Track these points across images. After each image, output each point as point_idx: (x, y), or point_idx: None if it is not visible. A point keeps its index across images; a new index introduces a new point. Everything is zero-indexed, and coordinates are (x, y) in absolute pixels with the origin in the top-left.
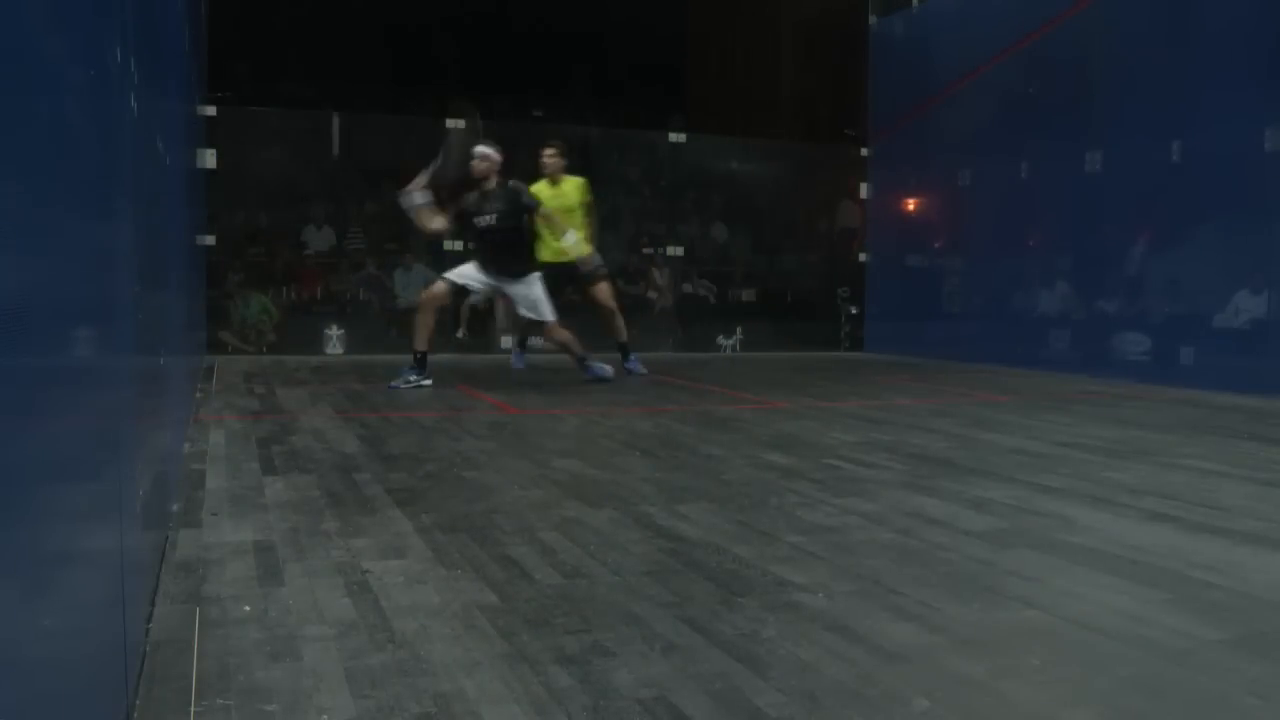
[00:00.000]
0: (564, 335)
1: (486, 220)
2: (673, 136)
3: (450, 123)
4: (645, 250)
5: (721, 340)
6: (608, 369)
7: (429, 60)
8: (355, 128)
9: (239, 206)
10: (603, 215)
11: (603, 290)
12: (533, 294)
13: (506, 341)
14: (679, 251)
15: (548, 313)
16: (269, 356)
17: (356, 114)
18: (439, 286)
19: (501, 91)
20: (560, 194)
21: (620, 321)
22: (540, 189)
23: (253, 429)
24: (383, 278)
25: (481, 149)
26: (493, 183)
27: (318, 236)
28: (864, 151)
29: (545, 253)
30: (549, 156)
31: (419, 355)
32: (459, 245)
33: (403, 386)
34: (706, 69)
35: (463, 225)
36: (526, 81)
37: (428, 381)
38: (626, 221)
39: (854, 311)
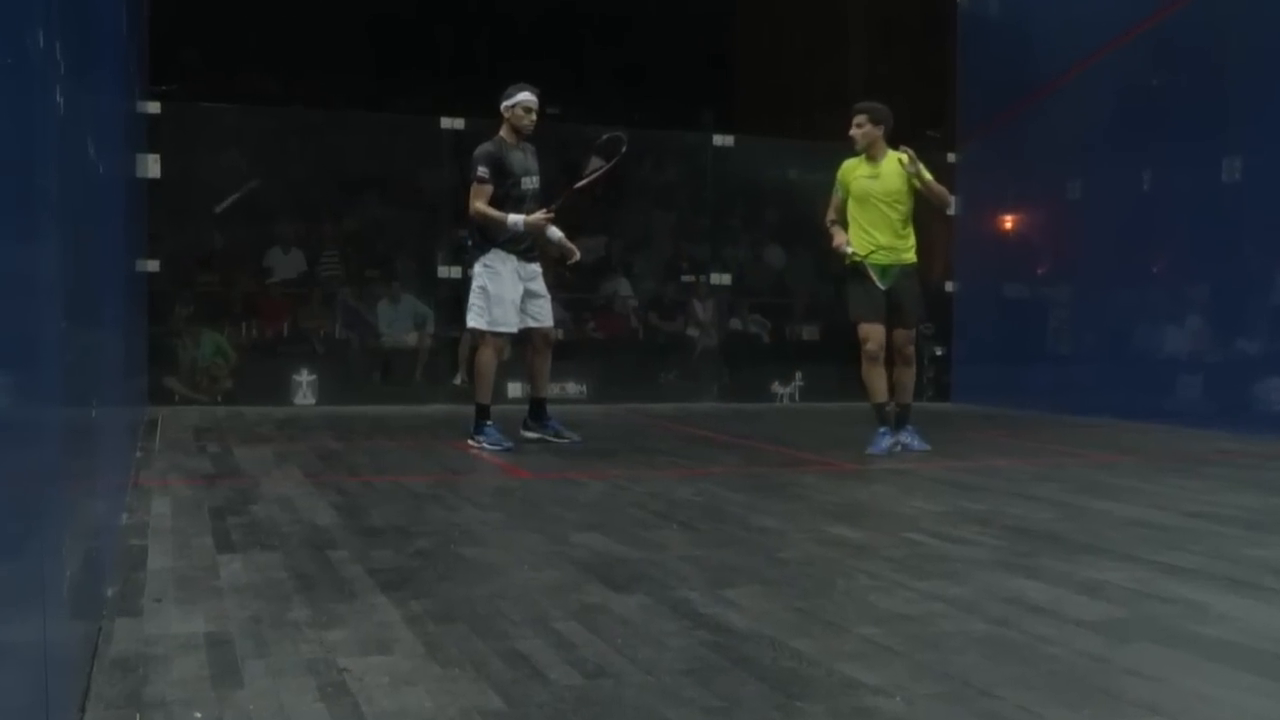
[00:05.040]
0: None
1: (532, 184)
2: (718, 139)
3: (446, 122)
4: (685, 278)
5: (777, 388)
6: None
7: (419, 47)
8: (330, 128)
9: (188, 224)
10: (634, 235)
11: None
12: (544, 286)
13: (515, 388)
14: (725, 279)
15: (550, 318)
16: (224, 407)
17: (332, 111)
18: (495, 344)
19: (508, 85)
20: (881, 174)
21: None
22: (855, 166)
23: (205, 496)
24: (363, 311)
25: (532, 95)
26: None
27: (285, 261)
28: (951, 157)
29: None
30: (856, 127)
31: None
32: (455, 272)
33: (486, 448)
34: (760, 57)
35: (504, 192)
36: (539, 72)
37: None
38: (662, 242)
39: (939, 353)
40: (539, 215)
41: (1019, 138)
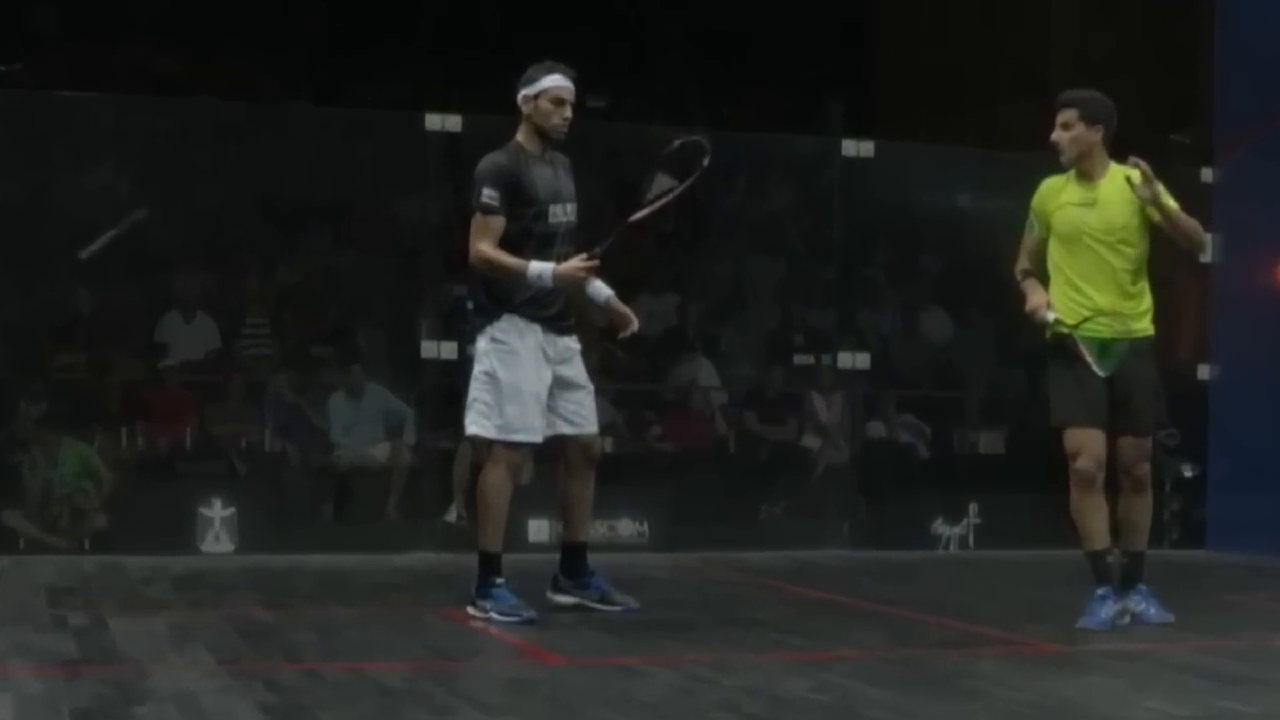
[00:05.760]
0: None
1: (565, 215)
2: (851, 147)
3: (434, 120)
4: (799, 359)
5: (941, 527)
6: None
7: (394, 10)
8: (260, 130)
9: (39, 277)
10: (722, 292)
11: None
12: (583, 372)
13: (540, 528)
14: (861, 361)
15: (593, 422)
16: (95, 557)
17: (262, 104)
18: (510, 460)
19: (529, 65)
20: (1100, 200)
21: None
22: (1060, 189)
23: (64, 692)
24: (306, 410)
25: (565, 81)
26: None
27: (187, 333)
28: (1206, 175)
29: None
30: (1062, 128)
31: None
32: (448, 350)
33: (495, 618)
34: (913, 25)
35: (523, 228)
36: (575, 47)
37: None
38: (764, 304)
39: (1187, 474)
40: (576, 263)
41: None
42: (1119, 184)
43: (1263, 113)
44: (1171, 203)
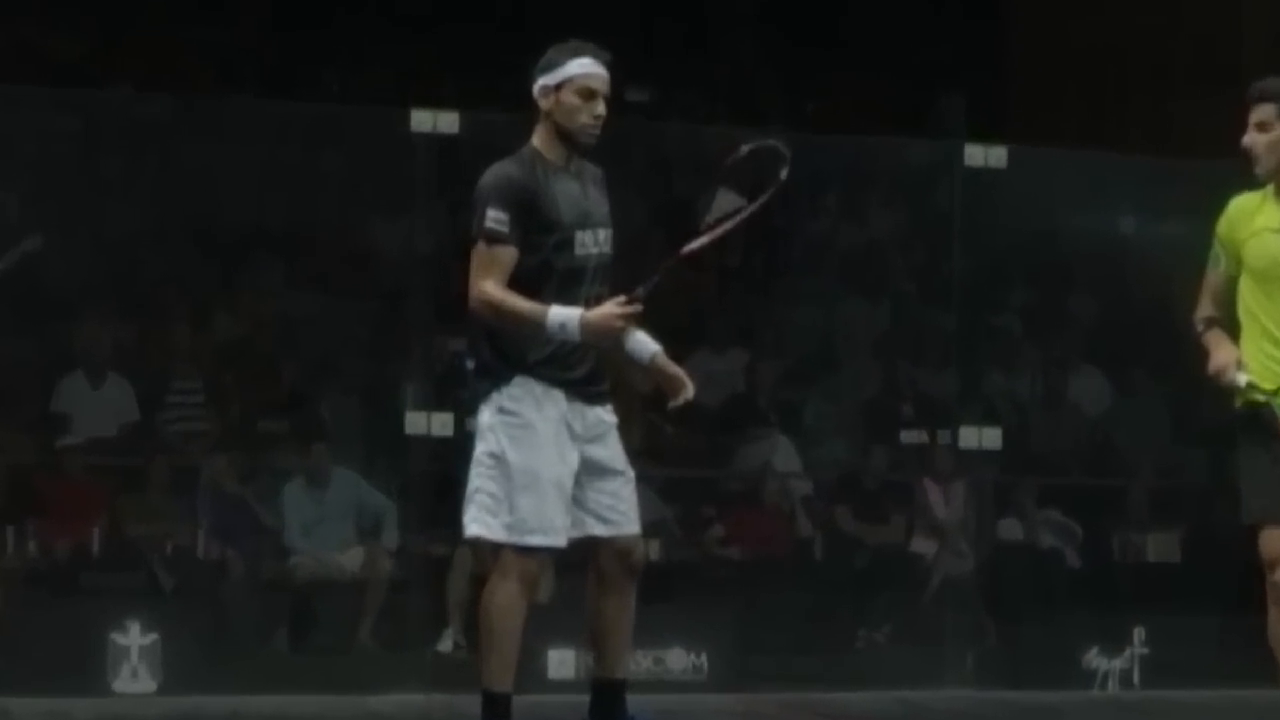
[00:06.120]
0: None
1: (597, 244)
2: (976, 155)
3: (422, 119)
4: (908, 437)
5: (1096, 659)
6: None
7: None
8: (191, 131)
9: None
10: (803, 346)
11: None
12: (621, 453)
13: (564, 659)
14: (990, 439)
15: (634, 520)
16: None
17: (191, 99)
18: (523, 571)
19: (548, 46)
20: None
21: None
22: (1254, 210)
23: None
24: (253, 503)
25: (597, 66)
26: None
27: (93, 401)
28: None
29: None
30: (1257, 129)
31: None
32: (441, 424)
33: None
34: (1058, 5)
35: (540, 261)
36: (611, 24)
37: None
38: (860, 361)
39: None
40: (611, 308)
41: None
42: None
43: None
44: None
